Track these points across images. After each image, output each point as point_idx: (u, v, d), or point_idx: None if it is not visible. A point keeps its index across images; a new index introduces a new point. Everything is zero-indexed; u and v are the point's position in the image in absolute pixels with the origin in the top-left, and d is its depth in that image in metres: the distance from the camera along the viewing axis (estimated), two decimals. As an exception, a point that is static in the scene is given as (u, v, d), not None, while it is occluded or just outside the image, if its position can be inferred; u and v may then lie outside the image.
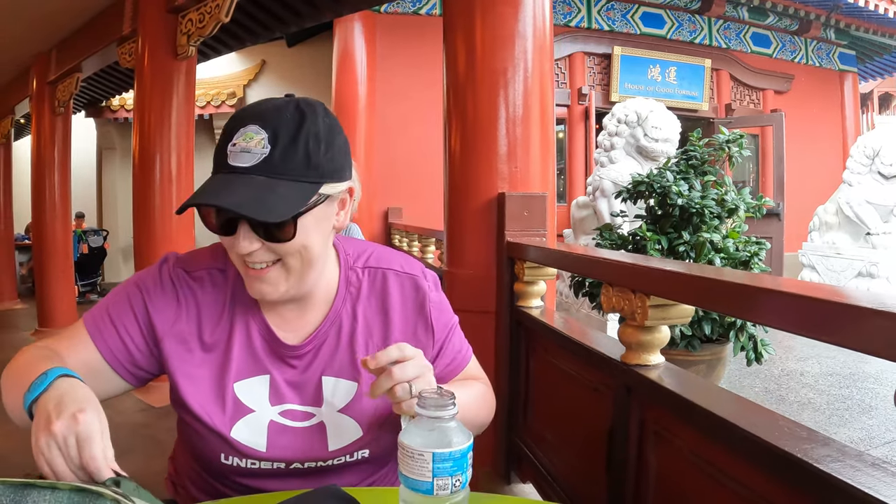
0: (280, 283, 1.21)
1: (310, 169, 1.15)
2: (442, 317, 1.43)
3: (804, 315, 1.27)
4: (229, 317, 1.31)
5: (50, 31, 7.64)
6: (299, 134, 1.13)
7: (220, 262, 1.33)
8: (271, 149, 1.11)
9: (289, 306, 1.32)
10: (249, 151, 1.11)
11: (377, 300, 1.38)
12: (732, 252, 3.93)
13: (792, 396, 5.41)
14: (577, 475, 2.43)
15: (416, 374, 1.11)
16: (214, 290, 1.32)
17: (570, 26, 11.26)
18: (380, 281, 1.39)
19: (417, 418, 0.96)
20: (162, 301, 1.29)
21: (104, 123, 12.46)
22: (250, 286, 1.22)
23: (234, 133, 1.13)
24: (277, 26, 6.43)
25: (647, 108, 7.12)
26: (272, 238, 1.15)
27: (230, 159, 1.12)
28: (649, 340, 1.90)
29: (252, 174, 1.11)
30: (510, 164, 3.03)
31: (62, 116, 8.51)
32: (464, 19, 3.16)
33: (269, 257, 1.18)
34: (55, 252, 8.63)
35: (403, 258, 1.45)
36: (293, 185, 1.13)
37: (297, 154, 1.13)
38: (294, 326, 1.33)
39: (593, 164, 8.87)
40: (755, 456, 1.35)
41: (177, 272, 1.32)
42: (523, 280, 2.93)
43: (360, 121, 9.62)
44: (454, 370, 1.47)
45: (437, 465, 0.93)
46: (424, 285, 1.41)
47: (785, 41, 13.36)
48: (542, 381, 2.81)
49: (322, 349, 1.33)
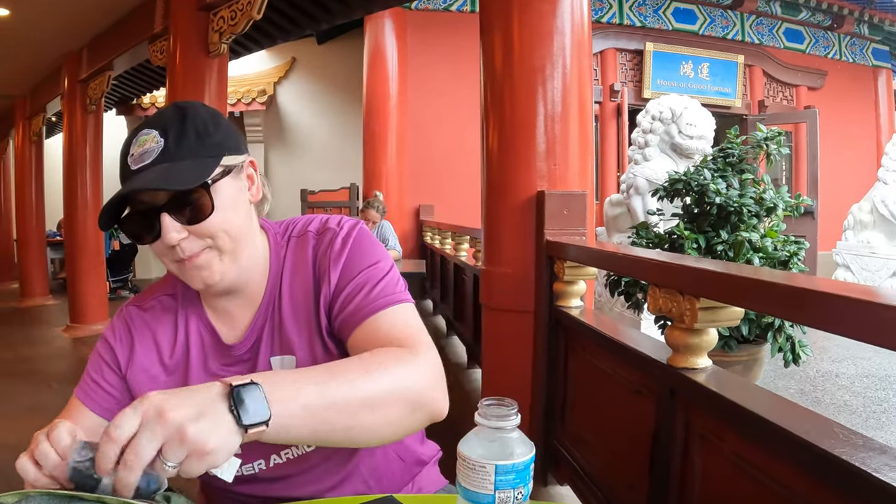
0: (214, 263, 1.22)
1: (205, 146, 1.20)
2: (353, 256, 1.30)
3: (864, 320, 1.23)
4: (184, 335, 1.34)
5: (81, 30, 7.71)
6: (185, 122, 1.19)
7: (169, 288, 1.39)
8: (164, 141, 1.16)
9: (233, 301, 1.33)
10: (147, 151, 1.16)
11: (304, 264, 1.34)
12: (771, 251, 3.88)
13: (828, 398, 5.33)
14: (617, 477, 2.40)
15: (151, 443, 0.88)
16: (165, 314, 1.36)
17: (601, 22, 11.20)
18: (303, 244, 1.36)
19: (477, 428, 0.93)
20: (119, 343, 1.35)
21: (135, 121, 12.54)
22: (191, 278, 1.23)
23: (129, 147, 1.19)
24: (309, 24, 6.46)
25: (682, 104, 7.05)
26: (194, 219, 1.17)
27: (132, 164, 1.16)
28: (697, 343, 1.87)
29: (153, 166, 1.15)
30: (549, 162, 3.00)
31: (93, 114, 8.59)
32: (501, 16, 3.14)
33: (198, 245, 1.20)
34: (87, 248, 8.72)
35: (329, 217, 1.41)
36: (194, 162, 1.17)
37: (188, 137, 1.18)
38: (239, 323, 1.34)
39: (626, 162, 8.82)
40: (806, 462, 1.32)
41: (129, 311, 1.38)
42: (563, 279, 2.90)
43: (392, 118, 9.64)
44: (354, 316, 1.24)
45: (499, 478, 0.90)
46: (336, 231, 1.34)
47: (818, 37, 13.21)
48: (582, 383, 2.78)
49: (264, 333, 1.32)
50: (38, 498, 0.91)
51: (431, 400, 1.11)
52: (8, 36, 7.71)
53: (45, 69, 9.41)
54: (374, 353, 1.10)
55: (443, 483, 1.55)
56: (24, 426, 5.19)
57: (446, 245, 7.44)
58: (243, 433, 0.90)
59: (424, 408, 1.10)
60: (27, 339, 8.47)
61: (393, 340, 1.16)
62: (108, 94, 8.43)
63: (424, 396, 1.10)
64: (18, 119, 11.36)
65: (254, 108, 11.27)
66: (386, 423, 1.05)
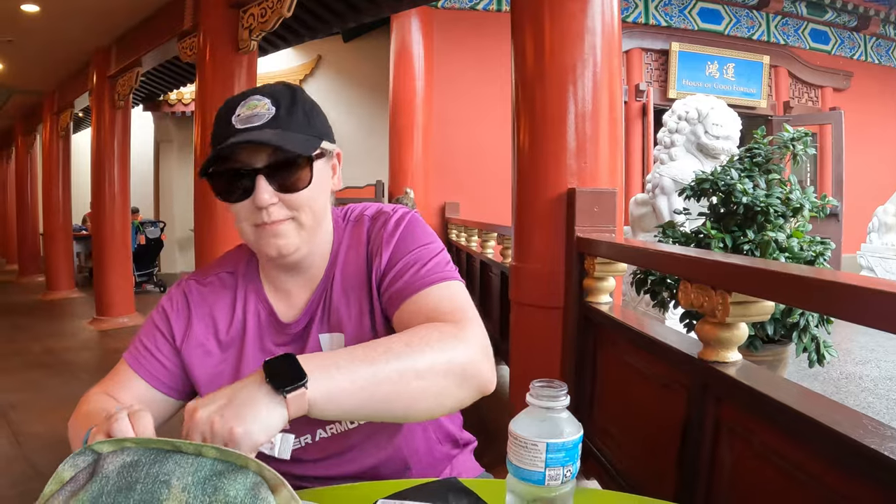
0: (292, 235, 1.25)
1: (310, 126, 1.26)
2: (404, 237, 1.34)
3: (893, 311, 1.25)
4: (242, 311, 1.37)
5: (110, 27, 7.79)
6: (295, 100, 1.25)
7: (229, 266, 1.43)
8: (276, 110, 1.21)
9: (295, 279, 1.37)
10: (256, 115, 1.20)
11: (360, 247, 1.38)
12: (797, 252, 3.87)
13: (851, 400, 5.31)
14: (644, 471, 2.42)
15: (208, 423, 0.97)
16: (224, 290, 1.40)
17: (627, 22, 11.12)
18: (359, 229, 1.40)
19: (529, 408, 0.97)
20: (176, 314, 1.38)
21: (161, 117, 12.66)
22: (266, 244, 1.25)
23: (234, 108, 1.22)
24: (336, 21, 6.49)
25: (708, 105, 7.01)
26: (290, 188, 1.22)
27: (239, 124, 1.20)
28: (728, 337, 1.89)
29: (263, 128, 1.19)
30: (579, 160, 3.02)
31: (121, 110, 8.67)
32: (533, 16, 3.16)
33: (284, 213, 1.23)
34: (114, 242, 8.81)
35: (384, 204, 1.47)
36: (302, 136, 1.23)
37: (297, 114, 1.24)
38: (297, 301, 1.37)
39: (651, 161, 8.80)
40: (838, 454, 1.34)
41: (188, 285, 1.41)
42: (593, 276, 2.93)
43: (418, 116, 9.65)
44: (403, 292, 1.27)
45: (550, 456, 0.93)
46: (387, 212, 1.40)
47: (844, 37, 13.10)
48: (610, 377, 2.81)
49: (317, 313, 1.35)
50: (135, 448, 0.92)
51: (476, 372, 1.11)
52: (38, 33, 7.80)
53: (73, 65, 9.50)
54: (416, 328, 1.12)
55: (479, 470, 1.56)
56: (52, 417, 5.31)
57: (472, 242, 7.45)
58: (283, 400, 0.95)
59: (471, 380, 1.11)
60: (54, 331, 8.55)
61: (439, 315, 1.18)
62: (135, 91, 8.50)
63: (469, 369, 1.10)
64: (46, 114, 11.46)
65: (280, 104, 11.32)
66: (431, 394, 1.07)
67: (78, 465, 0.92)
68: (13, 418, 5.02)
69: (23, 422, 4.92)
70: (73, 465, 0.92)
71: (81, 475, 0.91)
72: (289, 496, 0.89)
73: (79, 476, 0.91)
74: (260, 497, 0.87)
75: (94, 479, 0.89)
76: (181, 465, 0.89)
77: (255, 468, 0.89)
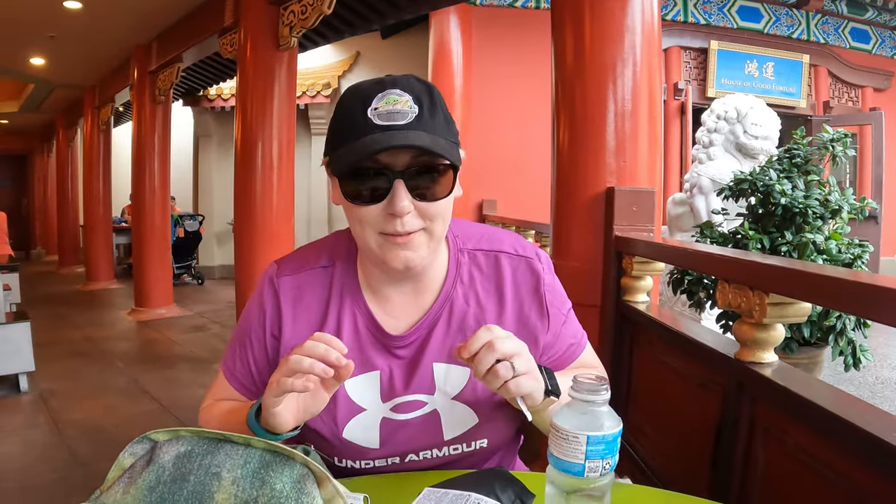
0: (422, 248, 1.18)
1: (450, 132, 1.17)
2: (556, 300, 1.37)
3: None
4: (336, 312, 1.29)
5: (151, 24, 7.92)
6: (434, 99, 1.16)
7: (325, 260, 1.33)
8: (419, 109, 1.12)
9: (403, 289, 1.30)
10: (399, 111, 1.10)
11: (490, 284, 1.33)
12: (835, 254, 3.85)
13: (886, 406, 5.25)
14: (677, 469, 2.42)
15: (515, 351, 1.08)
16: (319, 287, 1.31)
17: (665, 20, 11.00)
18: (493, 264, 1.34)
19: (571, 402, 0.99)
20: (268, 317, 1.31)
21: (201, 112, 12.76)
22: (394, 256, 1.17)
23: (370, 99, 1.12)
24: (376, 18, 6.53)
25: (748, 104, 6.95)
26: (430, 196, 1.15)
27: (378, 120, 1.10)
28: (765, 338, 1.90)
29: (409, 129, 1.10)
30: (618, 159, 3.02)
31: (162, 105, 8.81)
32: (573, 14, 3.15)
33: (418, 224, 1.16)
34: (153, 235, 8.96)
35: (515, 239, 1.39)
36: (447, 142, 1.14)
37: (438, 116, 1.15)
38: (401, 313, 1.30)
39: (689, 161, 8.74)
40: (871, 455, 1.35)
41: (280, 282, 1.31)
42: (631, 275, 2.93)
43: (456, 113, 9.49)
44: (570, 357, 1.41)
45: (590, 448, 0.95)
46: (539, 267, 1.35)
47: (884, 37, 12.88)
48: (645, 376, 2.82)
49: (432, 335, 1.29)
50: (189, 437, 0.96)
51: None
52: (80, 29, 7.94)
53: (114, 61, 9.65)
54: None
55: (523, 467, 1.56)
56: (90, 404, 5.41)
57: (510, 240, 7.46)
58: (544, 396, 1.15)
59: None
60: (93, 321, 8.73)
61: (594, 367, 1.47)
62: (175, 86, 8.61)
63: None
64: (87, 108, 11.68)
65: (318, 100, 11.38)
66: None
67: (136, 452, 0.96)
68: (53, 405, 5.13)
69: (62, 409, 5.03)
70: (132, 454, 0.96)
71: (139, 463, 0.95)
72: (333, 490, 0.92)
73: (137, 464, 0.95)
74: (305, 490, 0.90)
75: (151, 468, 0.93)
76: (231, 457, 0.93)
77: (300, 461, 0.93)
